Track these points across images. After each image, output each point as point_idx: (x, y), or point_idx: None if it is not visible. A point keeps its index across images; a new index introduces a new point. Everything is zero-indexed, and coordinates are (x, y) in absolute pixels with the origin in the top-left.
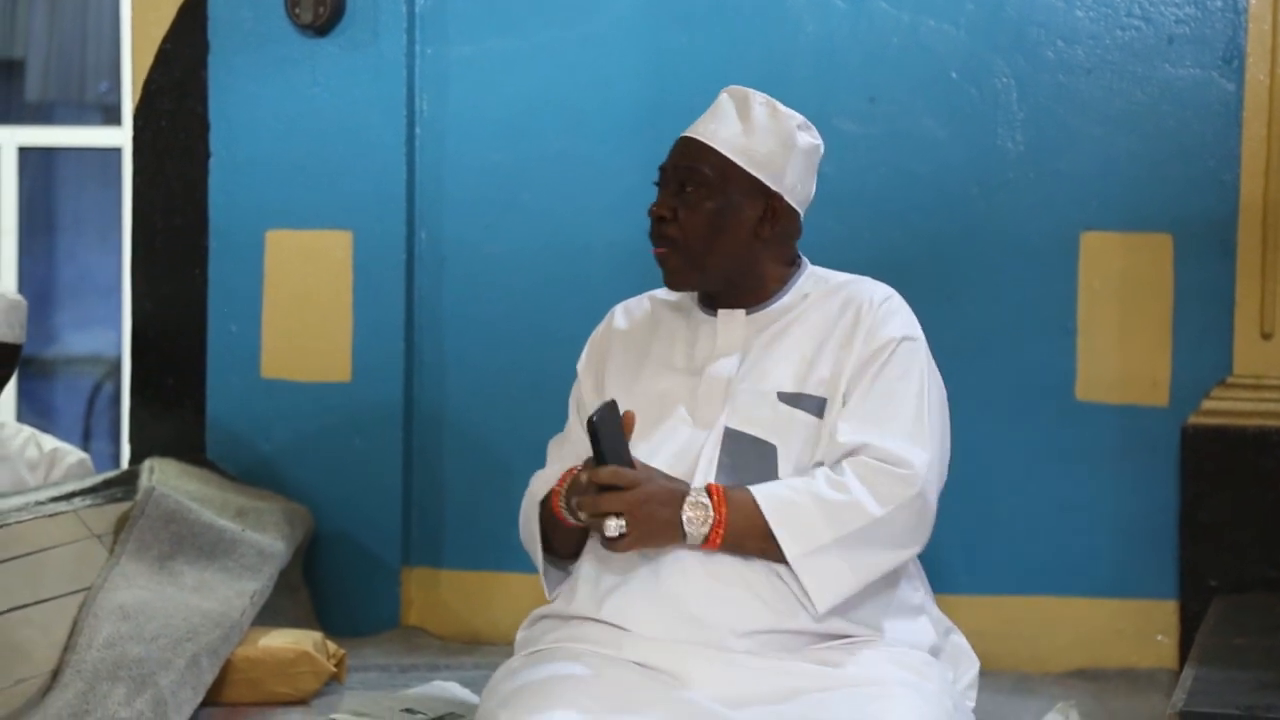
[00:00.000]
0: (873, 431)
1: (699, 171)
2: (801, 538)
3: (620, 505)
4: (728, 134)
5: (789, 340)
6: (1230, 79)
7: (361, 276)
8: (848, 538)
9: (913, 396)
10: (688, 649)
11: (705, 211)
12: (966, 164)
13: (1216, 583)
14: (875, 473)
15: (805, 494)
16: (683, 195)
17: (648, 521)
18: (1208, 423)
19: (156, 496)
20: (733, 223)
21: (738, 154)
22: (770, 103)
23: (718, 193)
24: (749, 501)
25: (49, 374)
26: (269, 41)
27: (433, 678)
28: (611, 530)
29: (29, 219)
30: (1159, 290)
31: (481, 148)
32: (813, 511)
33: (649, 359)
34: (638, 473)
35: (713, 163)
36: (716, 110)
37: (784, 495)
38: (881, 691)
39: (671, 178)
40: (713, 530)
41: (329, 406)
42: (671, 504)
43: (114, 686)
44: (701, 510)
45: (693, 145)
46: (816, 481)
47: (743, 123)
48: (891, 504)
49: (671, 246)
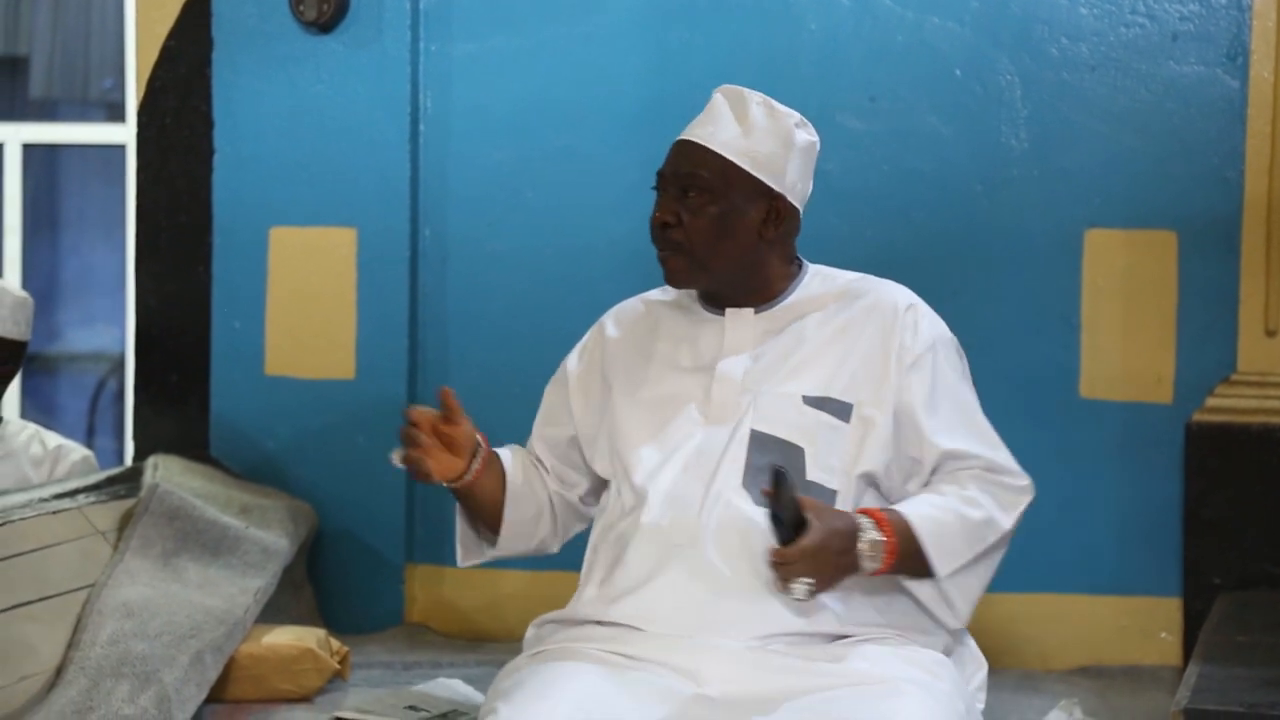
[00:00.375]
0: (969, 441)
1: (701, 176)
2: (950, 559)
3: (810, 570)
4: (727, 136)
5: (810, 343)
6: (1234, 76)
7: (365, 273)
8: (984, 553)
9: (974, 399)
10: (699, 646)
11: (710, 216)
12: (970, 161)
13: (1220, 580)
14: (997, 486)
15: (951, 513)
16: (685, 200)
17: (832, 572)
18: (1212, 420)
19: (160, 493)
20: (738, 226)
21: (739, 156)
22: (767, 102)
23: (721, 197)
24: (907, 527)
25: (53, 371)
26: (273, 39)
27: (436, 675)
28: (801, 594)
29: (33, 216)
30: (1163, 287)
31: (485, 145)
32: (957, 531)
33: (652, 361)
34: (815, 536)
35: (714, 166)
36: (712, 112)
37: (935, 517)
38: (892, 689)
39: (672, 183)
40: (884, 561)
41: (333, 403)
42: (848, 550)
43: (118, 683)
44: (876, 547)
45: (692, 149)
46: (954, 500)
47: (741, 124)
48: (1015, 513)
49: (676, 251)
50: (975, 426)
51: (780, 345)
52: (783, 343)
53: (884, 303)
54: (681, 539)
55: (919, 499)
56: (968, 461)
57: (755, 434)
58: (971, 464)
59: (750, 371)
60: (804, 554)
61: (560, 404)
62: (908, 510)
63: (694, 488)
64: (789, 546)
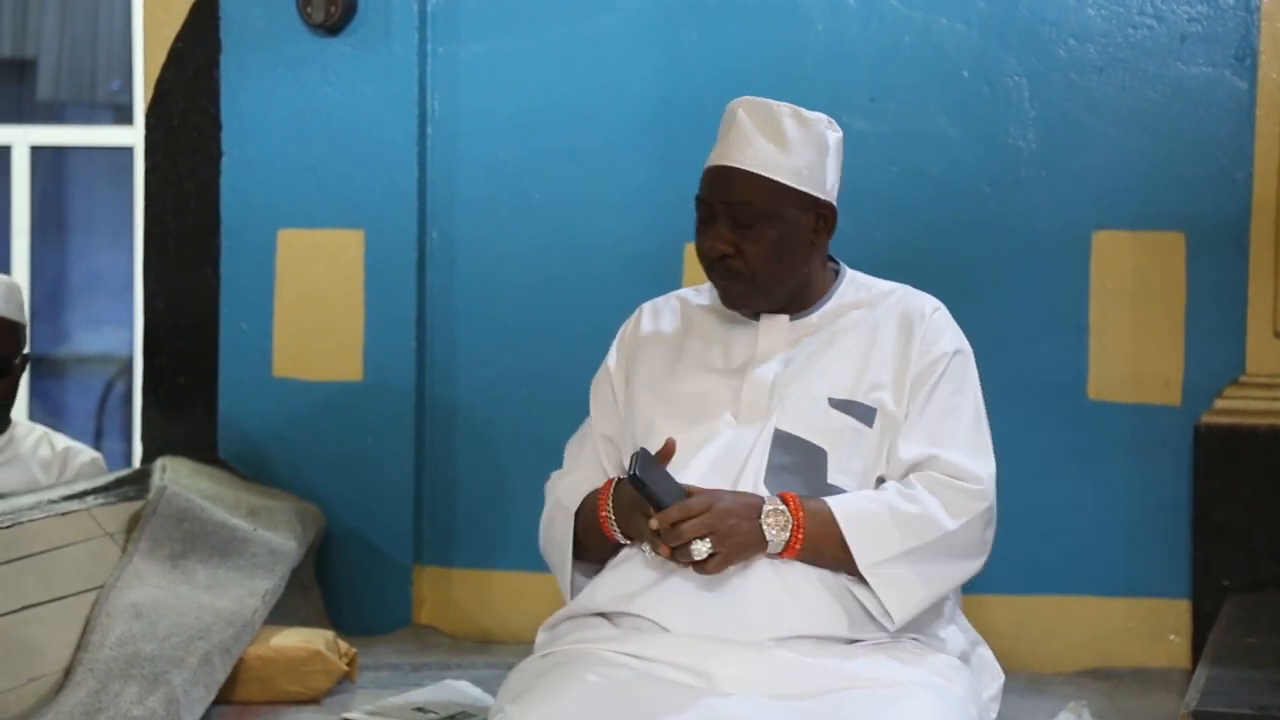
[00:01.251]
0: (936, 445)
1: (754, 204)
2: (874, 548)
3: (703, 528)
4: (768, 157)
5: (838, 347)
6: (1243, 77)
7: (373, 275)
8: (919, 550)
9: (970, 410)
10: (710, 647)
11: (769, 241)
12: (978, 162)
13: (1229, 582)
14: (945, 487)
15: (880, 504)
16: (741, 229)
17: (732, 535)
18: (1220, 422)
19: (169, 495)
20: (794, 243)
21: (786, 175)
22: (796, 112)
23: (777, 219)
24: (825, 510)
25: (61, 373)
26: (281, 41)
27: (444, 676)
28: (700, 553)
29: (41, 218)
30: (1171, 289)
31: (493, 146)
32: (887, 522)
33: (682, 359)
34: (704, 497)
35: (764, 190)
36: (743, 131)
37: (859, 505)
38: (903, 693)
39: (722, 212)
40: (792, 535)
41: (340, 405)
42: (750, 515)
43: (126, 685)
44: (780, 517)
45: (738, 176)
46: (889, 494)
47: (778, 141)
48: (964, 517)
49: (737, 279)
50: (953, 433)
51: (811, 350)
52: (813, 347)
53: (910, 309)
54: None
55: (852, 493)
56: (925, 465)
57: (779, 433)
58: (928, 467)
59: (780, 374)
60: (685, 510)
61: (610, 400)
62: (832, 500)
63: (720, 486)
64: (671, 507)
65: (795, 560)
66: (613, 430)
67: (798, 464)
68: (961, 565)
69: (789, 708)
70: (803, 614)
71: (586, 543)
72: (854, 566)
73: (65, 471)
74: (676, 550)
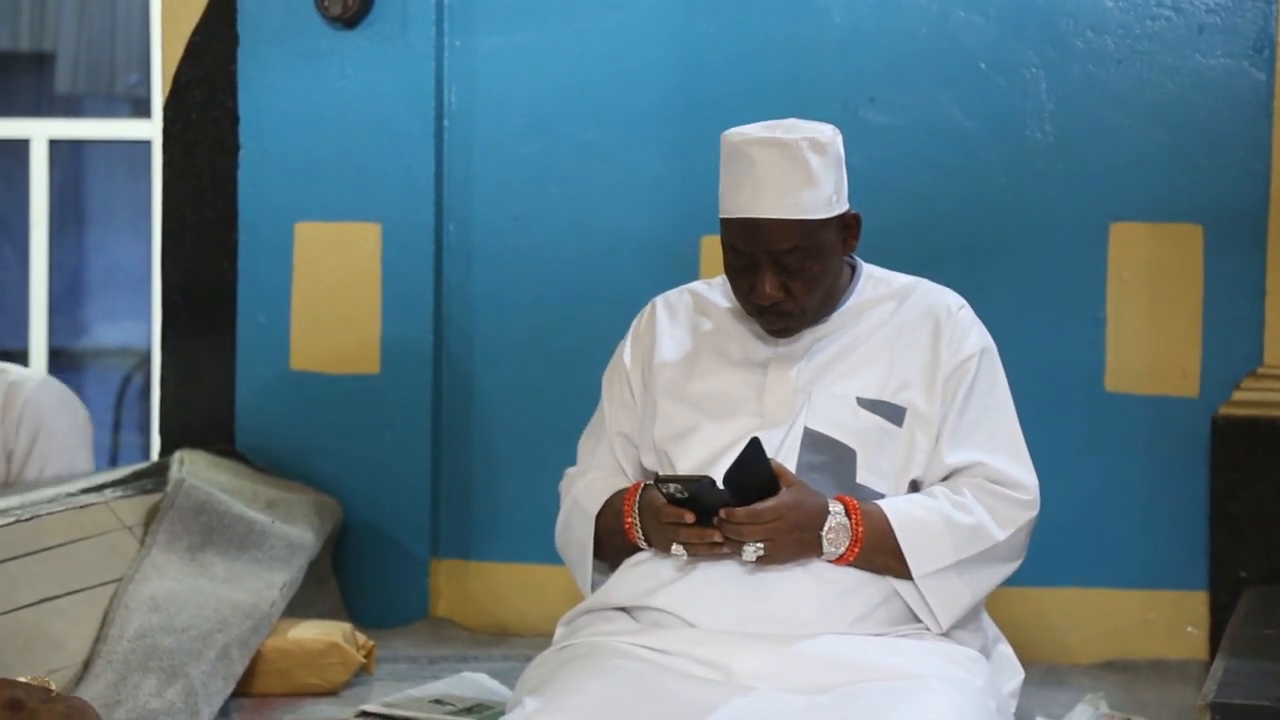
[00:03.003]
0: (979, 450)
1: (800, 249)
2: (929, 559)
3: (761, 535)
4: (798, 197)
5: (863, 345)
6: (1261, 69)
7: (390, 268)
8: (969, 560)
9: (1006, 411)
10: (731, 640)
11: (816, 277)
12: (995, 155)
13: (1247, 574)
14: (995, 496)
15: (934, 514)
16: (788, 273)
17: (789, 547)
18: (1238, 413)
19: (187, 488)
20: (834, 264)
21: (820, 210)
22: (812, 141)
23: (820, 252)
24: (882, 519)
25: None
26: (298, 34)
27: (462, 669)
28: (749, 555)
29: (59, 211)
30: (1189, 281)
31: (510, 139)
32: (941, 533)
33: (701, 355)
34: (775, 507)
35: (807, 232)
36: (769, 177)
37: (915, 515)
38: (921, 685)
39: (765, 261)
40: (849, 550)
41: (358, 398)
42: (812, 527)
43: (145, 677)
44: (843, 532)
45: (779, 227)
46: (942, 503)
47: (807, 179)
48: (1012, 527)
49: (790, 318)
50: (995, 437)
51: (833, 346)
52: (836, 343)
53: (935, 307)
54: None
55: (906, 497)
56: (972, 470)
57: (809, 432)
58: (976, 473)
59: (802, 371)
60: (753, 516)
61: (628, 397)
62: (889, 505)
63: None
64: (741, 508)
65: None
66: (629, 427)
67: (827, 463)
68: (1004, 569)
69: (808, 702)
70: (835, 611)
71: (608, 545)
72: (906, 573)
73: (10, 409)
74: (728, 541)
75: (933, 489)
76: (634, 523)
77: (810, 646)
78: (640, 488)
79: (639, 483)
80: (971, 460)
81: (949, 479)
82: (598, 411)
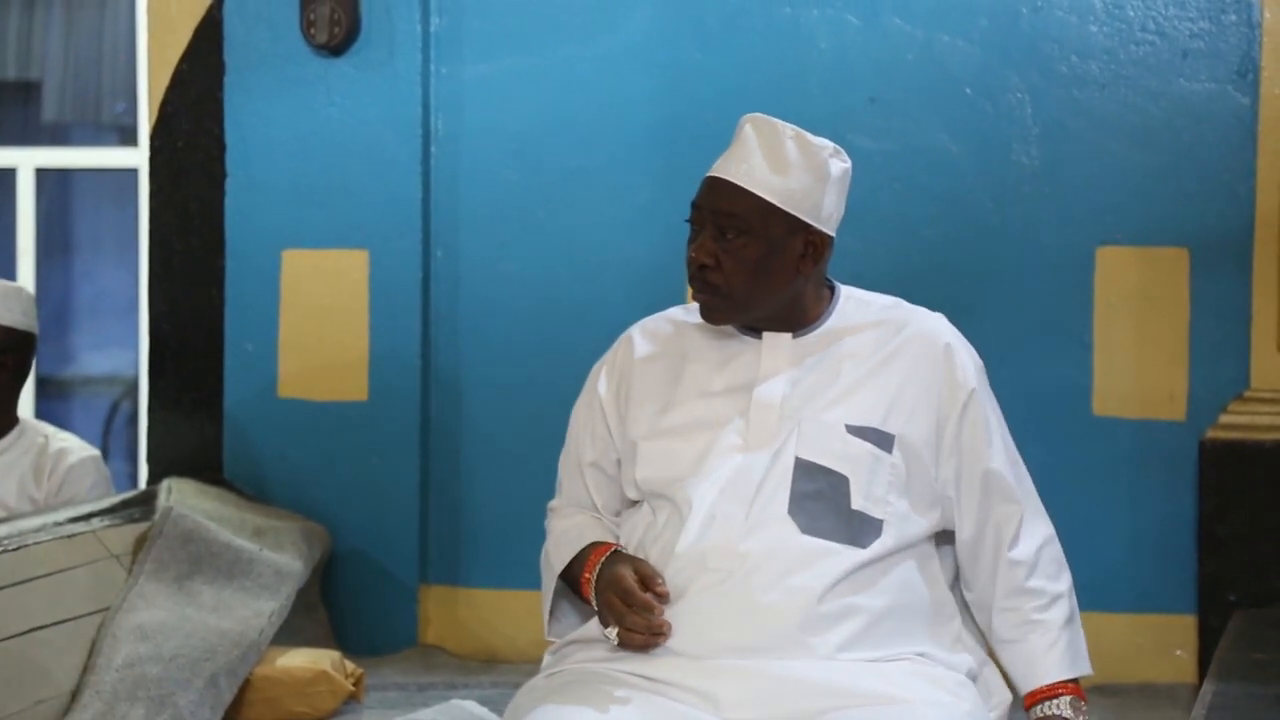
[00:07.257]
0: (1027, 512)
1: (739, 217)
2: (1084, 657)
3: None
4: (762, 174)
5: (846, 370)
6: (1245, 93)
7: (378, 295)
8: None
9: (1012, 444)
10: (717, 669)
11: (748, 259)
12: (981, 179)
13: (1235, 597)
14: (1048, 562)
15: (1067, 630)
16: (723, 241)
17: None
18: (1225, 437)
19: (174, 516)
20: (776, 265)
21: (775, 195)
22: (799, 135)
23: (760, 238)
24: (1075, 680)
25: (66, 394)
26: (285, 62)
27: (451, 696)
28: None
29: (46, 240)
30: (1175, 304)
31: (497, 166)
32: (1077, 635)
33: (681, 383)
34: None
35: (752, 206)
36: (745, 146)
37: (1077, 648)
38: (907, 710)
39: (709, 220)
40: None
41: (346, 426)
42: None
43: (133, 707)
44: (1077, 706)
45: (729, 188)
46: (1055, 614)
47: (776, 160)
48: (1065, 567)
49: (714, 293)
50: (1028, 488)
51: (818, 372)
52: (821, 369)
53: (925, 334)
54: (719, 563)
55: (1048, 633)
56: (1030, 538)
57: (800, 461)
58: (1043, 546)
59: (789, 397)
60: None
61: (602, 429)
62: (1066, 671)
63: (733, 513)
64: None
65: None
66: (602, 458)
67: (821, 491)
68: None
69: None
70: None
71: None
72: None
73: (53, 476)
74: None
75: (1030, 612)
76: (590, 578)
77: (797, 673)
78: (606, 557)
79: (610, 546)
80: (1037, 535)
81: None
82: (568, 439)
